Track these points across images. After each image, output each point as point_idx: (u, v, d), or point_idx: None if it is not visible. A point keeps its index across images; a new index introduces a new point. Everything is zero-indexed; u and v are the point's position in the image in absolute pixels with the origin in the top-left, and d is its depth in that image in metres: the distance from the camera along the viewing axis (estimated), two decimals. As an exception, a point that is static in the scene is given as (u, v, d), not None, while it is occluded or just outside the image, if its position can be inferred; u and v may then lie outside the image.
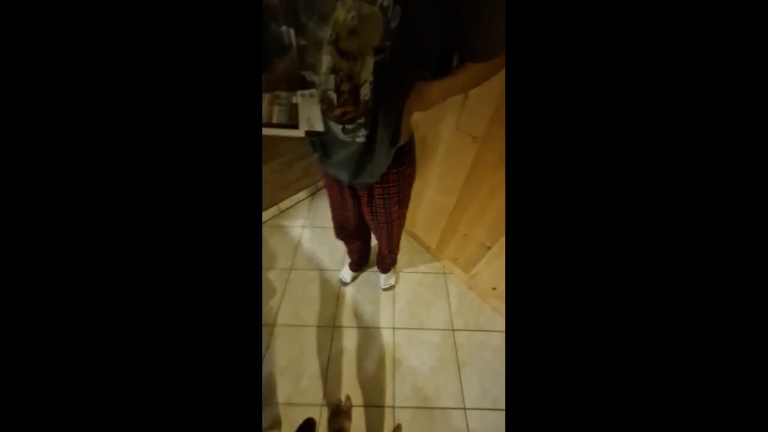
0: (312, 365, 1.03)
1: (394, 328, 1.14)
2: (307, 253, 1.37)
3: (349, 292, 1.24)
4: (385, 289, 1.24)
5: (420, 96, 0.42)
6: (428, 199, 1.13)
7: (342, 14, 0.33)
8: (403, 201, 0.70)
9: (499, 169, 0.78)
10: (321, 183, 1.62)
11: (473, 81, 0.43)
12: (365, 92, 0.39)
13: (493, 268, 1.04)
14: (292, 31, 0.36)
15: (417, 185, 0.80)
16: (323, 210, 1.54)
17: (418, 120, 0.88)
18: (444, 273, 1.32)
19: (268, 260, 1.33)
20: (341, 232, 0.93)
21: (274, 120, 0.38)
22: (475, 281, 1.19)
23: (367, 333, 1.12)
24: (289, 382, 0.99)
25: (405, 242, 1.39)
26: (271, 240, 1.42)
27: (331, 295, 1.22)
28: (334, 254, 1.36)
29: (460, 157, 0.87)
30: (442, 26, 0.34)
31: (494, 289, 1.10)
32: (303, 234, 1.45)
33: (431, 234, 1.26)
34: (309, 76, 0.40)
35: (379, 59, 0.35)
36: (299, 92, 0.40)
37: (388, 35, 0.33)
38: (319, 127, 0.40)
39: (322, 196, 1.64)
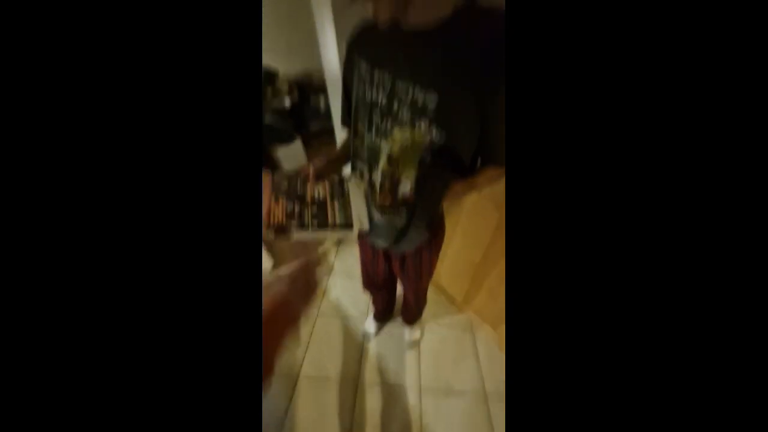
0: (334, 425, 0.99)
1: (420, 390, 1.09)
2: (333, 300, 1.41)
3: (373, 345, 1.23)
4: (410, 344, 1.22)
5: (451, 192, 0.51)
6: (453, 252, 1.17)
7: (399, 137, 0.44)
8: (432, 262, 0.76)
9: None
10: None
11: (492, 179, 0.52)
12: (404, 190, 0.48)
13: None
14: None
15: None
16: (350, 258, 1.61)
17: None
18: (471, 329, 1.28)
19: (296, 307, 1.38)
20: (370, 284, 0.98)
21: (335, 219, 0.46)
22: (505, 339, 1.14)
23: (392, 392, 1.08)
24: (311, 445, 0.95)
25: (430, 293, 1.39)
26: (299, 286, 1.49)
27: (356, 347, 1.22)
28: (359, 303, 1.38)
29: (485, 220, 0.93)
30: (475, 140, 0.43)
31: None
32: (330, 282, 1.51)
33: (457, 286, 1.26)
34: (359, 165, 0.51)
35: (420, 167, 0.45)
36: (351, 181, 0.49)
37: (431, 151, 0.43)
38: (366, 227, 0.48)
39: (350, 244, 1.72)
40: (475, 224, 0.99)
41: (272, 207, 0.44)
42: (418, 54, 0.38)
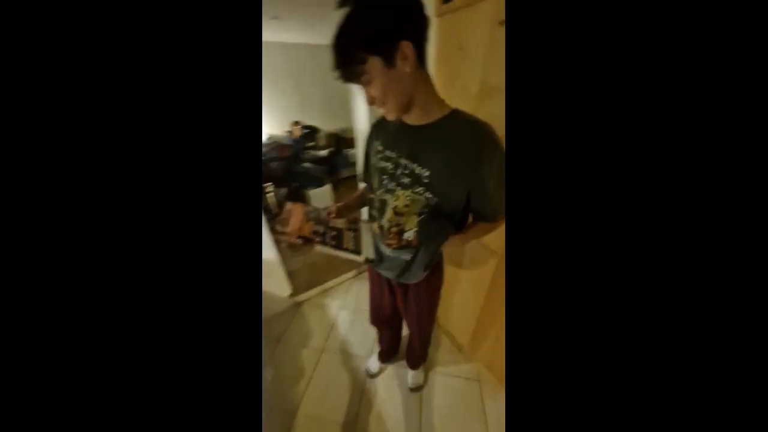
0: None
1: (420, 446, 1.01)
2: (340, 335, 1.43)
3: (375, 387, 1.20)
4: (412, 390, 1.16)
5: (449, 240, 0.63)
6: (460, 296, 1.18)
7: (401, 195, 0.58)
8: (432, 299, 0.82)
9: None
10: (364, 267, 1.81)
11: (482, 233, 0.64)
12: (409, 236, 0.61)
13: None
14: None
15: (449, 281, 0.92)
16: (363, 294, 1.66)
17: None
18: (479, 381, 1.19)
19: (304, 337, 1.42)
20: (376, 318, 1.03)
21: (348, 246, 0.62)
22: (516, 398, 1.04)
23: (390, 443, 1.01)
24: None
25: (435, 334, 1.36)
26: (310, 317, 1.55)
27: (357, 387, 1.19)
28: (365, 341, 1.38)
29: (484, 265, 0.98)
30: (462, 202, 0.57)
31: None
32: (340, 315, 1.55)
33: (463, 332, 1.23)
34: (372, 212, 0.65)
35: (420, 219, 0.58)
36: (365, 224, 0.65)
37: (428, 208, 0.56)
38: (371, 255, 0.63)
39: (363, 281, 1.79)
40: (476, 271, 1.03)
41: (303, 225, 0.61)
42: (415, 142, 0.54)
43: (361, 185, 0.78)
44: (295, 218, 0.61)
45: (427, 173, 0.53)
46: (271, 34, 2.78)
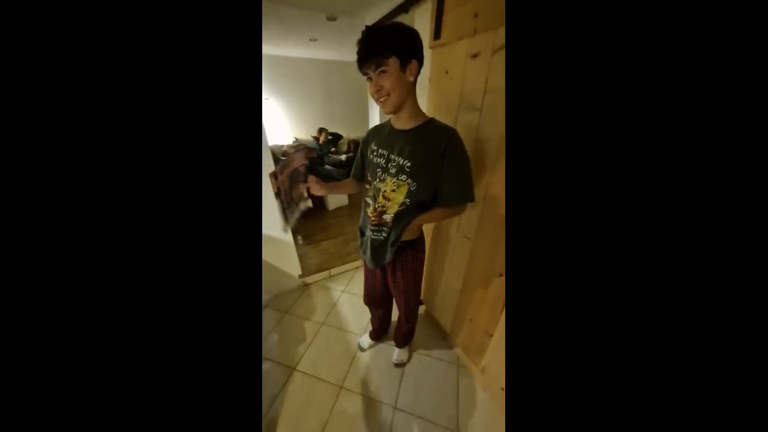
0: (313, 418, 1.11)
1: (395, 407, 1.14)
2: (340, 313, 1.62)
3: (363, 358, 1.36)
4: (396, 365, 1.31)
5: (415, 222, 0.82)
6: (444, 283, 1.32)
7: (389, 181, 0.78)
8: (416, 273, 0.99)
9: (491, 260, 1.00)
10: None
11: (445, 216, 0.82)
12: (387, 218, 0.81)
13: (500, 362, 1.05)
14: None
15: (435, 269, 1.07)
16: (362, 282, 1.84)
17: (434, 225, 1.24)
18: (457, 364, 1.31)
19: (309, 311, 1.63)
20: (369, 298, 1.21)
21: (286, 212, 0.87)
22: (487, 379, 1.15)
23: (370, 404, 1.16)
24: (287, 428, 1.08)
25: (424, 324, 1.49)
26: (316, 296, 1.76)
27: (348, 356, 1.36)
28: (361, 321, 1.56)
29: (461, 252, 1.13)
30: (431, 190, 0.76)
31: (503, 389, 1.06)
32: (341, 297, 1.74)
33: (447, 318, 1.36)
34: (367, 200, 0.86)
35: (398, 209, 0.78)
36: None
37: (409, 195, 0.76)
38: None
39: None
40: (456, 253, 1.18)
41: (285, 179, 0.84)
42: (402, 141, 0.75)
43: (349, 180, 0.97)
44: (289, 168, 0.83)
45: (409, 164, 0.72)
46: (307, 52, 3.19)
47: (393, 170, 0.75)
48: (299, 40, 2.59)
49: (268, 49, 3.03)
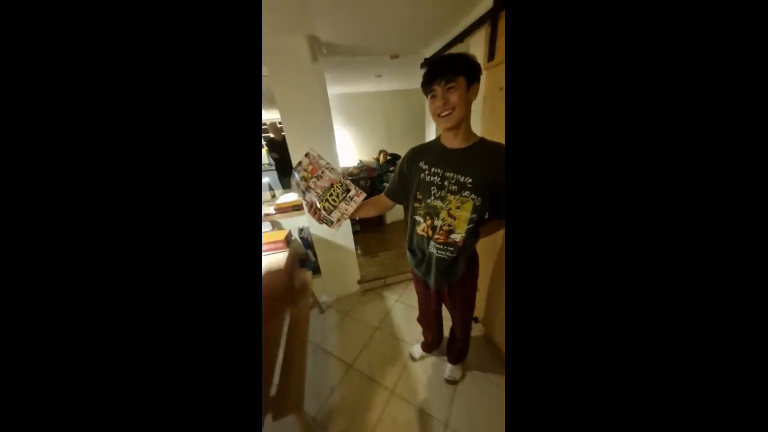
0: (366, 417, 1.18)
1: (446, 426, 1.11)
2: (393, 321, 1.68)
3: (415, 367, 1.37)
4: (448, 381, 1.27)
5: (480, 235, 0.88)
6: (500, 302, 1.25)
7: (453, 199, 0.84)
8: (472, 289, 1.02)
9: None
10: (420, 272, 2.04)
11: (496, 228, 0.87)
12: (456, 238, 0.84)
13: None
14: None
15: (495, 290, 1.08)
16: (414, 294, 1.88)
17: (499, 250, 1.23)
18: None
19: (364, 315, 1.75)
20: (423, 318, 1.26)
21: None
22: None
23: (421, 416, 1.16)
24: (344, 420, 1.17)
25: (482, 347, 1.42)
26: (371, 302, 1.88)
27: (400, 363, 1.40)
28: (412, 331, 1.58)
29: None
30: (488, 204, 0.81)
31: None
32: (395, 306, 1.81)
33: (503, 339, 1.27)
34: (418, 218, 0.91)
35: (468, 227, 0.83)
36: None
37: (474, 210, 0.81)
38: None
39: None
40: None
41: (316, 183, 0.88)
42: (458, 159, 0.78)
43: (377, 197, 0.96)
44: (315, 168, 0.86)
45: (470, 180, 0.78)
46: (372, 86, 3.64)
47: (454, 188, 0.79)
48: (366, 78, 3.02)
49: (341, 89, 3.60)
